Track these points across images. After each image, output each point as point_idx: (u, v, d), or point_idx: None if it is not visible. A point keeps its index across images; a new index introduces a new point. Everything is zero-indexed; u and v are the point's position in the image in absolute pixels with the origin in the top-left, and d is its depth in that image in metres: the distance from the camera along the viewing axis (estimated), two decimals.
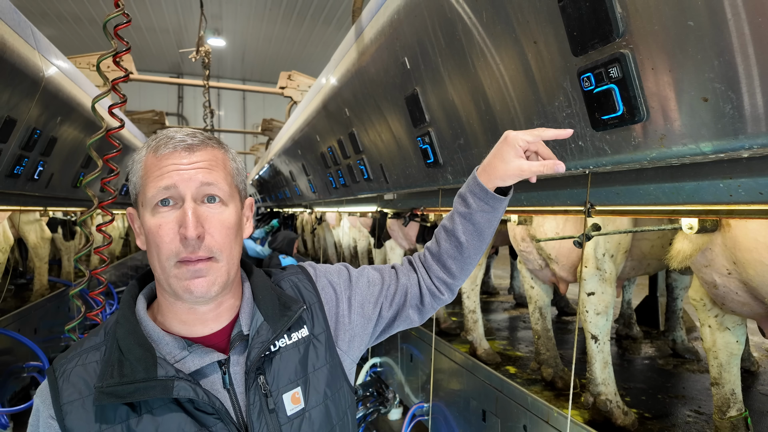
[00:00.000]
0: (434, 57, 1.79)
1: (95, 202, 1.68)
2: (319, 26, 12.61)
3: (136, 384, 0.81)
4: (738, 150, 0.94)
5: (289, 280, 1.07)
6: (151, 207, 0.85)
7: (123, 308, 0.91)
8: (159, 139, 0.88)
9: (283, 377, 0.93)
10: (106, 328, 0.91)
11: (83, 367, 0.85)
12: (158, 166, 0.86)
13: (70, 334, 1.85)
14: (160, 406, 0.83)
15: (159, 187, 0.84)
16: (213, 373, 0.89)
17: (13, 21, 2.43)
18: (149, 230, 0.85)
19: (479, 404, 2.66)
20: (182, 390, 0.82)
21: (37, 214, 4.59)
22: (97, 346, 0.88)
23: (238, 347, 0.92)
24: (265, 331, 0.93)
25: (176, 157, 0.86)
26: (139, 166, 0.89)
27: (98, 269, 1.75)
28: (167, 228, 0.84)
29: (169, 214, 0.84)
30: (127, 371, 0.82)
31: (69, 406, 0.82)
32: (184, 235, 0.82)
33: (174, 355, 0.87)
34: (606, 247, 2.21)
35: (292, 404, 0.93)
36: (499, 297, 5.30)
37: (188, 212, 0.83)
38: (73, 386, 0.83)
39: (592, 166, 1.31)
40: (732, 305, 1.74)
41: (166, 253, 0.84)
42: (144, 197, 0.86)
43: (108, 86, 1.62)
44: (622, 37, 1.04)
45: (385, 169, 2.86)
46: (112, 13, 1.56)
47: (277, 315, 0.95)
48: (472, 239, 1.09)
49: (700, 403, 2.45)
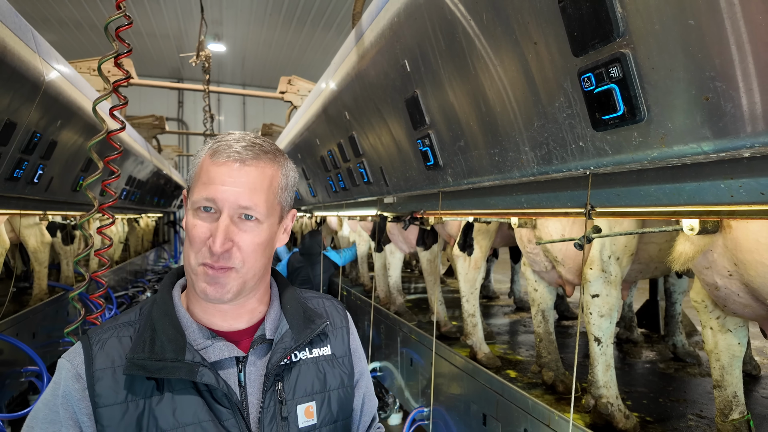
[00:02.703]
0: (434, 59, 1.79)
1: (96, 205, 1.68)
2: (319, 31, 12.65)
3: (165, 362, 0.85)
4: (739, 149, 0.94)
5: (322, 301, 1.12)
6: (194, 208, 0.90)
7: (162, 291, 0.97)
8: (219, 144, 0.92)
9: (300, 389, 0.96)
10: (141, 308, 0.97)
11: (118, 339, 0.90)
12: (208, 172, 0.90)
13: (70, 338, 1.84)
14: (181, 389, 0.87)
15: (202, 196, 0.89)
16: (230, 367, 0.92)
17: (14, 24, 2.44)
18: (187, 226, 0.91)
19: (480, 408, 2.64)
20: (205, 376, 0.86)
21: (36, 218, 4.58)
22: (131, 323, 0.94)
23: (258, 349, 0.96)
24: (288, 338, 0.97)
25: (225, 170, 0.89)
26: (196, 163, 0.94)
27: (98, 272, 1.75)
28: (200, 231, 0.89)
29: (207, 219, 0.89)
30: (158, 349, 0.87)
31: (101, 373, 0.86)
32: (211, 247, 0.87)
33: (198, 343, 0.91)
34: (612, 250, 2.21)
35: (306, 417, 0.95)
36: (499, 301, 5.29)
37: (220, 228, 0.87)
38: (106, 355, 0.88)
39: (593, 167, 1.31)
40: (733, 307, 1.74)
41: (195, 252, 0.89)
42: (191, 197, 0.92)
43: (109, 88, 1.62)
44: (622, 37, 1.04)
45: (385, 172, 2.86)
46: (113, 15, 1.56)
47: (302, 326, 0.99)
48: None
49: (702, 406, 2.44)
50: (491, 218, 2.51)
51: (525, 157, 1.57)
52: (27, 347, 3.56)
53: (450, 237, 3.55)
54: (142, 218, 11.27)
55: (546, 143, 1.43)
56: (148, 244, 11.99)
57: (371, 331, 4.56)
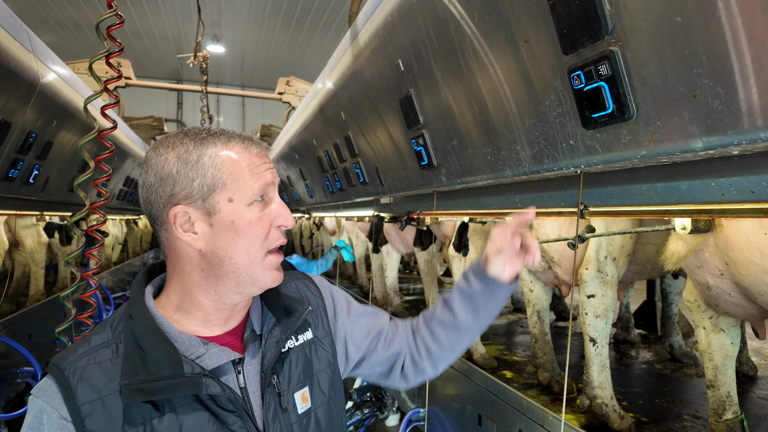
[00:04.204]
0: (427, 58, 1.79)
1: (87, 204, 1.67)
2: (317, 32, 12.66)
3: (165, 381, 0.79)
4: (727, 146, 0.94)
5: (295, 284, 1.10)
6: (247, 201, 0.87)
7: (136, 305, 0.89)
8: (241, 138, 0.90)
9: (294, 377, 0.97)
10: (112, 325, 0.88)
11: (97, 365, 0.81)
12: (255, 162, 0.88)
13: (62, 337, 1.83)
14: (183, 404, 0.82)
15: (263, 183, 0.88)
16: (228, 372, 0.89)
17: (9, 25, 2.44)
18: (248, 223, 0.87)
19: (475, 409, 2.64)
20: (211, 386, 0.82)
21: (33, 218, 4.57)
22: (107, 344, 0.85)
23: (251, 347, 0.94)
24: (277, 331, 0.95)
25: (265, 157, 0.91)
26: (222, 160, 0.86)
27: (89, 272, 1.74)
28: (266, 220, 0.88)
29: (262, 207, 0.89)
30: (152, 368, 0.80)
31: (89, 407, 0.78)
32: (286, 225, 0.90)
33: (191, 353, 0.86)
34: (608, 250, 2.20)
35: (302, 403, 0.96)
36: None
37: (284, 205, 0.91)
38: (89, 385, 0.79)
39: (583, 165, 1.30)
40: (725, 306, 1.73)
41: (264, 244, 0.88)
42: (241, 192, 0.86)
43: (100, 87, 1.62)
44: (611, 35, 1.04)
45: (381, 172, 2.86)
46: (105, 14, 1.55)
47: (286, 316, 0.98)
48: (466, 314, 1.11)
49: (698, 407, 2.43)
50: (486, 218, 2.50)
51: (517, 156, 1.56)
52: (23, 348, 3.55)
53: (446, 237, 3.54)
54: (141, 219, 11.26)
55: (537, 142, 1.43)
56: (147, 246, 11.98)
57: None
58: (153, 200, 0.87)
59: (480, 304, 1.10)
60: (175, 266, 0.90)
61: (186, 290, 0.90)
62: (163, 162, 0.86)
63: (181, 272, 0.89)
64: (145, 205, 0.89)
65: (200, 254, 0.87)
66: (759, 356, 3.23)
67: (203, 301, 0.90)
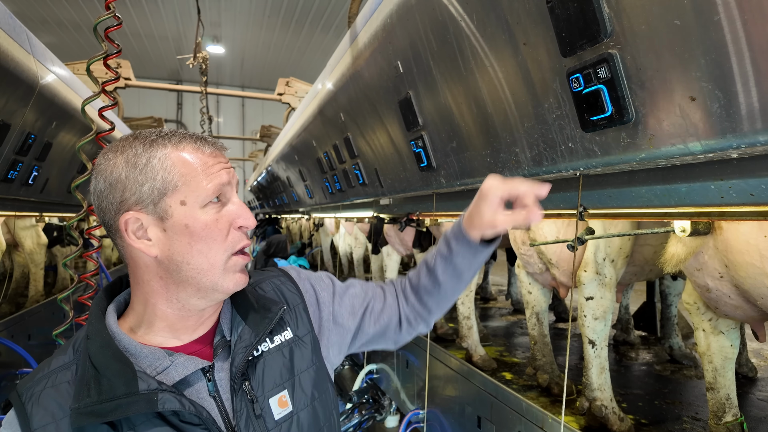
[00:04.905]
0: (426, 60, 1.78)
1: (84, 206, 1.67)
2: (317, 33, 12.68)
3: (118, 400, 0.76)
4: (726, 150, 0.93)
5: (271, 282, 1.06)
6: (201, 203, 0.83)
7: (92, 322, 0.85)
8: (193, 138, 0.87)
9: (269, 381, 0.92)
10: (74, 346, 0.85)
11: (54, 388, 0.79)
12: (208, 163, 0.85)
13: (59, 340, 1.83)
14: (143, 422, 0.78)
15: (217, 183, 0.85)
16: (197, 381, 0.86)
17: (8, 26, 2.43)
18: (203, 226, 0.83)
19: (474, 410, 2.63)
20: (168, 402, 0.78)
21: (33, 219, 4.57)
22: (66, 366, 0.82)
23: (221, 353, 0.90)
24: (247, 335, 0.91)
25: (219, 156, 0.88)
26: (173, 162, 0.82)
27: (87, 274, 1.74)
28: (224, 222, 0.85)
29: (218, 208, 0.85)
30: (105, 388, 0.76)
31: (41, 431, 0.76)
32: (246, 225, 0.87)
33: (155, 367, 0.83)
34: (607, 252, 2.20)
35: (280, 408, 0.91)
36: (496, 303, 5.28)
37: (242, 205, 0.87)
38: (44, 410, 0.77)
39: (582, 168, 1.30)
40: (725, 309, 1.73)
41: (223, 246, 0.85)
42: (195, 194, 0.83)
43: (98, 89, 1.62)
44: (610, 37, 1.03)
45: (380, 173, 2.85)
46: (102, 16, 1.55)
47: (258, 318, 0.93)
48: (451, 280, 1.10)
49: (698, 409, 2.43)
50: None
51: (516, 158, 1.56)
52: (22, 350, 3.55)
53: None
54: None
55: (537, 144, 1.43)
56: None
57: None
58: (104, 207, 0.84)
59: (463, 268, 1.09)
60: (134, 275, 0.88)
61: (147, 300, 0.87)
62: (112, 167, 0.82)
63: (140, 281, 0.87)
64: (98, 213, 0.86)
65: (156, 261, 0.84)
66: (759, 358, 3.23)
67: (166, 311, 0.87)
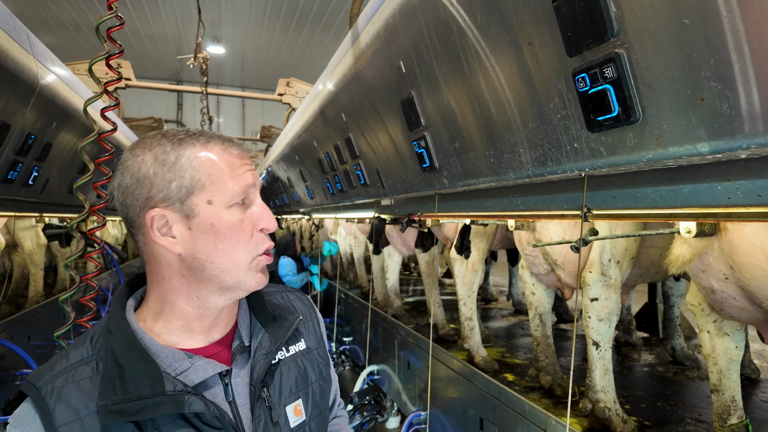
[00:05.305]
0: (429, 60, 1.77)
1: (86, 207, 1.66)
2: (318, 34, 12.67)
3: (145, 400, 0.76)
4: (735, 150, 0.92)
5: (284, 295, 1.09)
6: (227, 204, 0.84)
7: (115, 319, 0.85)
8: (222, 139, 0.88)
9: (285, 390, 0.94)
10: (92, 340, 0.85)
11: (76, 384, 0.78)
12: (235, 164, 0.86)
13: (60, 341, 1.81)
14: (167, 422, 0.79)
15: (244, 185, 0.85)
16: (215, 385, 0.87)
17: (8, 26, 2.42)
18: (229, 226, 0.83)
19: (476, 412, 2.62)
20: (194, 404, 0.79)
21: (33, 220, 4.56)
22: (86, 361, 0.82)
23: (239, 359, 0.91)
24: (267, 342, 0.92)
25: (245, 158, 0.88)
26: (201, 161, 0.83)
27: (89, 275, 1.73)
28: (248, 223, 0.85)
29: (243, 209, 0.86)
30: (131, 387, 0.77)
31: (66, 429, 0.74)
32: (268, 228, 0.87)
33: (175, 368, 0.83)
34: (612, 253, 2.19)
35: (295, 416, 0.94)
36: (498, 303, 5.27)
37: (265, 207, 0.88)
38: (67, 405, 0.76)
39: (588, 169, 1.29)
40: (730, 311, 1.72)
41: (247, 247, 0.85)
42: (220, 194, 0.83)
43: (100, 89, 1.61)
44: (616, 37, 1.02)
45: (382, 174, 2.84)
46: (105, 16, 1.54)
47: (276, 326, 0.95)
48: None
49: (701, 411, 2.42)
50: (488, 220, 2.49)
51: (520, 159, 1.55)
52: (22, 351, 3.54)
53: (447, 239, 3.53)
54: None
55: (541, 145, 1.42)
56: None
57: (369, 334, 4.53)
58: (129, 203, 0.84)
59: None
60: (154, 273, 0.87)
61: (165, 297, 0.86)
62: (140, 163, 0.83)
63: (160, 278, 0.86)
64: (121, 208, 0.86)
65: (180, 259, 0.84)
66: (761, 359, 3.22)
67: (185, 308, 0.86)
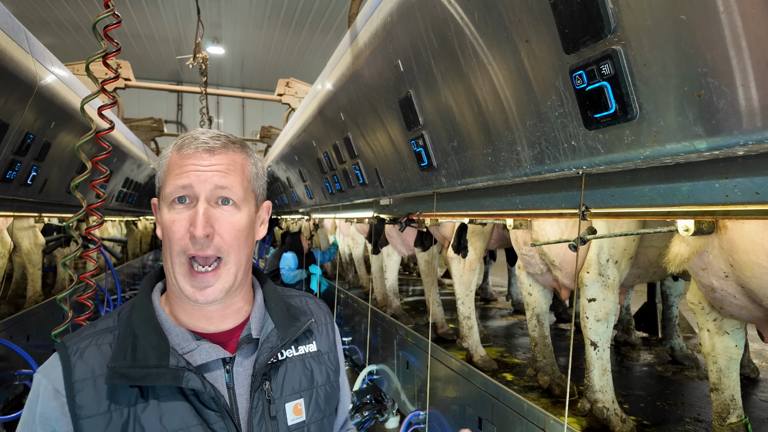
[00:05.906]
0: (427, 59, 1.77)
1: (84, 205, 1.66)
2: (317, 34, 12.67)
3: (148, 369, 0.83)
4: (733, 147, 0.92)
5: (303, 299, 1.13)
6: (168, 203, 0.89)
7: (141, 295, 0.94)
8: (185, 139, 0.93)
9: (288, 387, 0.97)
10: (120, 313, 0.94)
11: (97, 347, 0.87)
12: (179, 164, 0.89)
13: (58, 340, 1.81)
14: (167, 395, 0.85)
15: (177, 185, 0.88)
16: (216, 369, 0.91)
17: (7, 26, 2.42)
18: (164, 224, 0.89)
19: (475, 412, 2.62)
20: (192, 381, 0.84)
21: (31, 220, 4.56)
22: (110, 329, 0.91)
23: (244, 349, 0.95)
24: (274, 337, 0.96)
25: (196, 158, 0.89)
26: (164, 162, 0.93)
27: (86, 273, 1.72)
28: (180, 224, 0.87)
29: (184, 211, 0.88)
30: (140, 356, 0.84)
31: (81, 384, 0.83)
32: (193, 233, 0.86)
33: (183, 347, 0.89)
34: (610, 253, 2.18)
35: (294, 415, 0.96)
36: (497, 303, 5.26)
37: (199, 212, 0.87)
38: (86, 365, 0.85)
39: (585, 166, 1.29)
40: (730, 309, 1.72)
41: (177, 248, 0.87)
42: (164, 192, 0.91)
43: (97, 87, 1.60)
44: (613, 34, 1.02)
45: (380, 173, 2.84)
46: (102, 14, 1.54)
47: (287, 324, 0.99)
48: None
49: (700, 410, 2.41)
50: (486, 219, 2.49)
51: (518, 157, 1.55)
52: (21, 350, 3.53)
53: (444, 239, 3.53)
54: (141, 221, 11.24)
55: (538, 143, 1.41)
56: (147, 247, 11.96)
57: (368, 334, 4.53)
58: None
59: None
60: None
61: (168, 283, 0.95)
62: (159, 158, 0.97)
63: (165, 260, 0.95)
64: None
65: None
66: (761, 358, 3.21)
67: (175, 295, 0.94)
